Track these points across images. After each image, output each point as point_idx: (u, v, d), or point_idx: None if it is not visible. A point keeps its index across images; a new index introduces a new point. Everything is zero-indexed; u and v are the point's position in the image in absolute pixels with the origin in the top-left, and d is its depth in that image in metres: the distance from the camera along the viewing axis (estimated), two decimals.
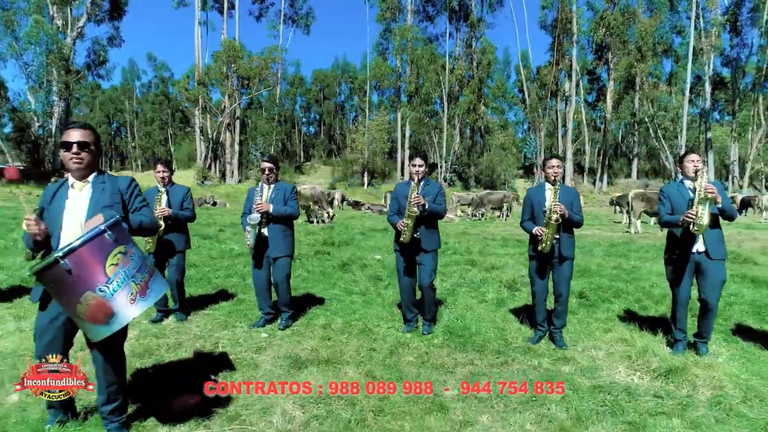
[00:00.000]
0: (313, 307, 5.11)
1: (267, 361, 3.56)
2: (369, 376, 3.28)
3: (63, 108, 37.30)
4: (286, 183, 4.40)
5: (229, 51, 39.33)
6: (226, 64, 39.54)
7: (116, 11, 42.31)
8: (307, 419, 2.66)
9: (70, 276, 2.03)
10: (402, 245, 4.18)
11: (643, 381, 3.25)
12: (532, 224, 4.08)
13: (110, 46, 44.78)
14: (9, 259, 7.03)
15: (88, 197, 2.44)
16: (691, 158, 3.81)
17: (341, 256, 8.19)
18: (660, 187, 5.12)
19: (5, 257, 7.23)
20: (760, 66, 42.24)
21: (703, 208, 3.47)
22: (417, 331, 4.33)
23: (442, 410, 2.79)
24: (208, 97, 39.72)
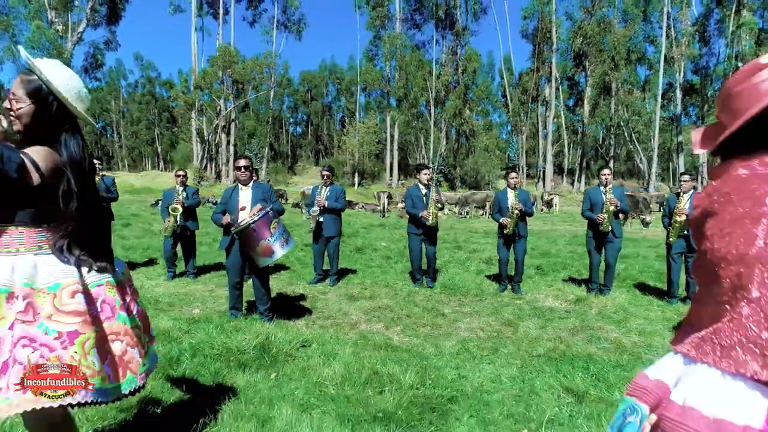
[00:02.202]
0: (348, 274, 7.21)
1: (332, 297, 5.67)
2: (396, 302, 5.41)
3: None
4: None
5: (225, 56, 41.07)
6: (221, 69, 41.23)
7: (114, 16, 43.77)
8: (368, 317, 4.79)
9: (254, 233, 4.10)
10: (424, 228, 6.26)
11: (561, 304, 5.44)
12: (500, 216, 6.22)
13: (107, 49, 46.25)
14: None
15: (250, 195, 4.52)
16: (604, 172, 6.00)
17: (355, 243, 10.31)
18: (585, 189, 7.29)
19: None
20: (726, 74, 45.20)
21: (606, 216, 5.68)
22: (423, 287, 6.44)
23: (442, 316, 4.93)
24: (206, 101, 41.37)
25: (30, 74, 1.60)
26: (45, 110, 1.60)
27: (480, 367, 3.49)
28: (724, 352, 0.90)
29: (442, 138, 46.73)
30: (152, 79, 72.03)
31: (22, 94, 1.58)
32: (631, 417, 0.99)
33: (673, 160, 48.02)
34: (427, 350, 3.87)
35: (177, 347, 3.43)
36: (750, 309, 0.86)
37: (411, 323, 4.70)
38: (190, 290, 5.92)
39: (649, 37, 48.35)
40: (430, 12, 47.15)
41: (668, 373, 1.01)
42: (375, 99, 51.44)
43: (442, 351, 3.86)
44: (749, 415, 0.84)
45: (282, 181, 41.10)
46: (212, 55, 42.34)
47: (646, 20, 47.78)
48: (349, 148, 43.99)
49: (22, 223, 1.55)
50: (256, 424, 2.41)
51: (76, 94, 1.66)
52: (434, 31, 47.67)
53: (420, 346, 3.99)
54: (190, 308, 4.98)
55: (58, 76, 1.61)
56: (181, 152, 50.52)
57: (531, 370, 3.44)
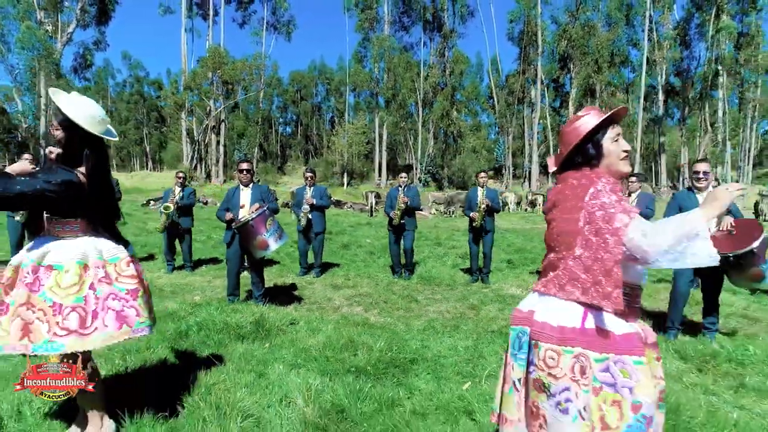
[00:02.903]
0: (333, 267, 7.84)
1: (318, 287, 6.31)
2: (376, 290, 6.05)
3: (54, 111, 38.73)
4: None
5: (215, 57, 41.41)
6: (211, 70, 41.56)
7: (103, 16, 43.94)
8: (350, 302, 5.44)
9: (252, 229, 4.72)
10: (393, 226, 6.94)
11: (523, 293, 6.11)
12: (470, 211, 6.89)
13: (96, 50, 46.42)
14: None
15: (249, 195, 5.15)
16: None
17: (341, 240, 10.95)
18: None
19: None
20: (707, 76, 46.43)
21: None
22: (401, 278, 7.08)
23: (416, 301, 5.59)
24: (197, 102, 41.66)
25: (59, 100, 2.21)
26: (72, 135, 2.20)
27: (441, 339, 4.15)
28: (561, 287, 1.56)
29: (430, 139, 47.44)
30: (140, 79, 71.75)
31: (57, 123, 2.20)
32: (524, 337, 1.64)
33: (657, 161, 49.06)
34: (399, 327, 4.53)
35: (185, 323, 4.04)
36: (574, 261, 1.53)
37: (387, 307, 5.35)
38: (189, 281, 6.53)
39: (632, 41, 49.40)
40: (418, 14, 47.85)
41: (531, 305, 1.67)
42: (364, 99, 52.00)
43: (411, 328, 4.52)
44: (574, 320, 1.51)
45: (272, 181, 41.52)
46: (202, 56, 42.68)
47: (629, 24, 48.79)
48: (339, 148, 44.53)
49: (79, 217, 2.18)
50: (255, 376, 3.05)
51: (92, 120, 2.22)
52: (422, 33, 48.43)
53: (393, 324, 4.64)
54: (191, 295, 5.60)
55: (75, 109, 2.16)
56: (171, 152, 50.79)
57: (484, 341, 4.09)
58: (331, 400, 2.71)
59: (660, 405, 1.47)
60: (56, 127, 2.19)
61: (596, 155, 1.63)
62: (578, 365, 1.44)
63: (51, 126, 2.23)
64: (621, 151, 1.58)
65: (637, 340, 1.45)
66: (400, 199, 6.79)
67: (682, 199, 4.38)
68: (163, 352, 3.42)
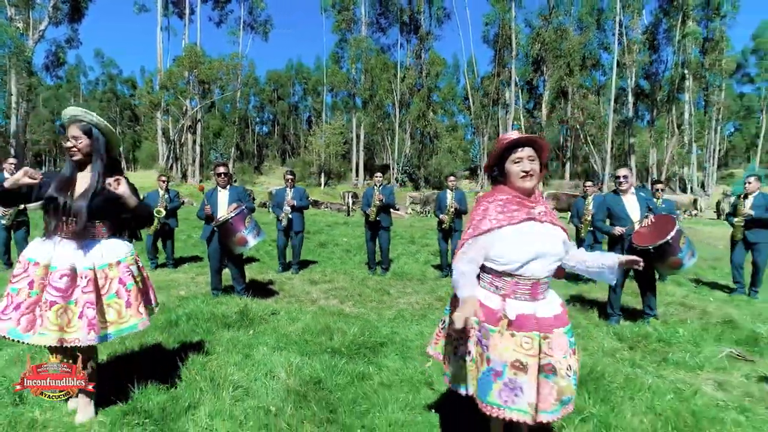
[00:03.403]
0: (311, 264, 8.24)
1: (296, 282, 6.71)
2: (351, 285, 6.48)
3: (25, 109, 38.12)
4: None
5: (191, 56, 41.18)
6: (188, 69, 41.31)
7: (76, 14, 43.26)
8: (326, 295, 5.86)
9: (232, 226, 5.10)
10: (369, 223, 7.38)
11: None
12: (440, 212, 7.37)
13: (69, 47, 45.67)
14: None
15: (227, 195, 5.52)
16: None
17: (319, 239, 11.34)
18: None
19: None
20: (674, 79, 48.07)
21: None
22: (376, 274, 7.52)
23: (388, 294, 6.04)
24: (172, 101, 41.34)
25: (79, 120, 2.55)
26: (94, 142, 2.56)
27: (409, 326, 4.60)
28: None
29: (406, 139, 48.03)
30: (114, 77, 70.58)
31: (80, 134, 2.53)
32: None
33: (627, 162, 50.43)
34: (371, 316, 4.97)
35: (174, 314, 4.41)
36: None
37: (361, 299, 5.79)
38: (173, 278, 6.85)
39: (603, 44, 50.84)
40: (395, 16, 48.37)
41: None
42: (342, 99, 52.27)
43: (382, 317, 4.96)
44: (494, 302, 1.96)
45: (249, 181, 41.48)
46: (178, 55, 42.39)
47: (599, 28, 50.19)
48: (316, 148, 44.74)
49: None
50: (242, 357, 3.45)
51: (110, 127, 2.61)
52: (399, 35, 48.99)
53: (366, 314, 5.08)
54: (177, 290, 5.94)
55: (98, 119, 2.56)
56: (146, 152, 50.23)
57: None
58: (310, 374, 3.13)
59: (546, 375, 1.89)
60: (78, 136, 2.48)
61: (500, 174, 2.10)
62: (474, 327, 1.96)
63: (71, 136, 2.47)
64: (520, 171, 2.02)
65: (494, 314, 1.94)
66: (376, 197, 7.24)
67: (609, 201, 4.94)
68: (157, 338, 3.79)
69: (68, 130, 2.51)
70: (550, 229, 2.01)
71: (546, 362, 1.89)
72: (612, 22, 47.50)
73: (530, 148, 2.03)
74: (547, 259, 1.95)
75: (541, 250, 1.94)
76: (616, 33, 46.47)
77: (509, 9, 46.42)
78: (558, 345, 1.92)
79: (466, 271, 2.00)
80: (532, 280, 1.96)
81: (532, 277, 1.96)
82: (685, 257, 4.48)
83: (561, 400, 1.88)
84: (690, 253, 4.53)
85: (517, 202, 2.00)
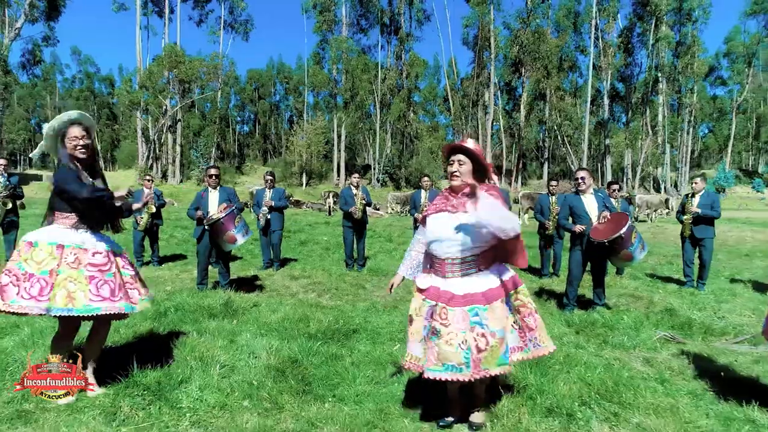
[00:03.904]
0: (291, 262, 8.62)
1: (277, 278, 7.09)
2: (329, 280, 6.88)
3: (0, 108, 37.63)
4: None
5: (171, 56, 40.99)
6: (167, 69, 41.09)
7: (53, 12, 42.71)
8: (305, 289, 6.26)
9: (222, 225, 5.46)
10: (353, 221, 7.78)
11: None
12: (415, 211, 7.80)
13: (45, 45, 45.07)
14: None
15: (217, 196, 5.88)
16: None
17: (299, 238, 11.71)
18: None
19: None
20: (648, 82, 49.40)
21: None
22: (353, 270, 7.92)
23: (363, 288, 6.46)
24: (150, 99, 41.02)
25: (85, 120, 2.92)
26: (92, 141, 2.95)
27: (381, 316, 5.02)
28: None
29: (387, 139, 48.50)
30: (91, 75, 69.60)
31: (86, 133, 2.91)
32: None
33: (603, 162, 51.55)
34: (346, 308, 5.38)
35: (163, 306, 4.76)
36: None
37: (338, 293, 6.20)
38: (158, 274, 7.17)
39: (580, 47, 51.96)
40: (376, 18, 48.75)
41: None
42: (323, 99, 52.44)
43: (356, 308, 5.38)
44: (430, 282, 2.40)
45: (230, 181, 41.48)
46: (158, 54, 42.17)
47: (576, 31, 51.30)
48: (297, 148, 44.89)
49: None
50: (227, 342, 3.83)
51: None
52: (380, 36, 49.43)
53: (341, 306, 5.50)
54: (163, 286, 6.27)
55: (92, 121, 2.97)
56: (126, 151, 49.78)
57: None
58: (288, 355, 3.53)
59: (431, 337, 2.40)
60: (87, 136, 2.88)
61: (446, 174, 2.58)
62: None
63: (85, 136, 2.85)
64: (450, 172, 2.49)
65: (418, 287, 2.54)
66: (359, 198, 7.67)
67: (570, 200, 5.44)
68: (147, 327, 4.14)
69: (71, 131, 2.85)
70: (460, 218, 2.43)
71: (433, 325, 2.37)
72: (588, 26, 48.45)
73: (461, 153, 2.49)
74: (444, 242, 2.43)
75: (439, 235, 2.44)
76: (592, 36, 47.44)
77: (488, 12, 47.12)
78: (454, 317, 2.34)
79: (408, 251, 2.75)
80: (438, 260, 2.47)
81: (437, 257, 2.48)
82: (636, 250, 5.00)
83: (444, 364, 2.30)
84: (640, 247, 5.06)
85: (444, 197, 2.48)
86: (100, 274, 2.73)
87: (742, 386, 3.23)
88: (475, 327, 2.34)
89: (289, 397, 2.90)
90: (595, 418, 2.72)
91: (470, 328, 2.34)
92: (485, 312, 2.38)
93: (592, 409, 2.80)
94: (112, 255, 2.87)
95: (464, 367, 2.29)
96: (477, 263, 2.45)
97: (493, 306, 2.40)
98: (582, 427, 2.64)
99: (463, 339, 2.31)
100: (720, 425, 2.71)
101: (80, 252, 2.73)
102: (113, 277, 2.77)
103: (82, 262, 2.72)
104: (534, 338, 2.56)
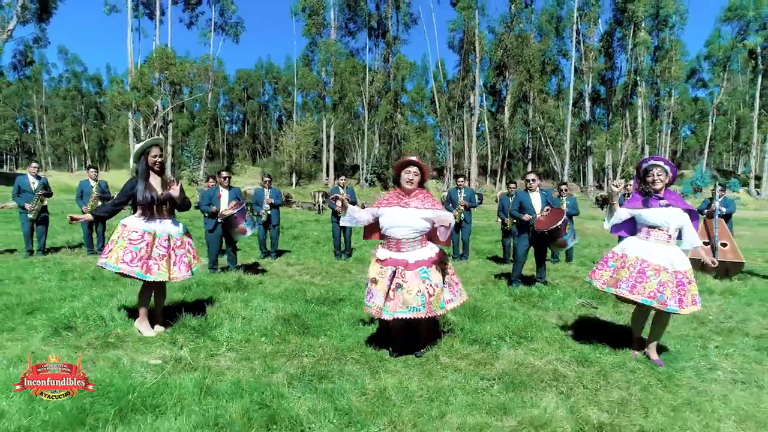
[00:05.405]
0: (286, 253, 9.81)
1: (276, 265, 8.29)
2: (320, 266, 8.08)
3: None
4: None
5: (162, 57, 41.74)
6: (158, 70, 41.82)
7: (44, 13, 43.26)
8: (300, 273, 7.47)
9: (235, 219, 6.65)
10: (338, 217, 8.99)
11: None
12: None
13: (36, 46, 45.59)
14: None
15: (227, 194, 7.07)
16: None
17: (292, 233, 12.90)
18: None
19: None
20: (627, 85, 51.10)
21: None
22: (341, 260, 9.11)
23: (349, 273, 7.68)
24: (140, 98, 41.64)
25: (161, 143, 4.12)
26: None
27: (362, 292, 6.20)
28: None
29: (375, 140, 49.76)
30: (78, 74, 69.29)
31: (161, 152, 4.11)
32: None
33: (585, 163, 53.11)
34: (334, 285, 6.59)
35: (187, 282, 5.92)
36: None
37: (328, 276, 7.42)
38: None
39: (562, 51, 53.50)
40: (364, 21, 49.95)
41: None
42: (312, 99, 53.51)
43: (343, 286, 6.60)
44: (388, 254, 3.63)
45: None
46: (149, 56, 42.90)
47: (558, 35, 52.83)
48: (287, 148, 45.90)
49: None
50: (243, 305, 5.02)
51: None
52: (368, 39, 50.63)
53: (331, 285, 6.71)
54: None
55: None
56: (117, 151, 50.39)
57: None
58: (291, 311, 4.74)
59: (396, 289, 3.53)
60: (161, 156, 4.10)
61: (397, 179, 3.75)
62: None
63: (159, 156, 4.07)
64: (406, 180, 3.69)
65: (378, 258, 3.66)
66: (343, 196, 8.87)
67: (520, 197, 6.71)
68: (179, 297, 5.32)
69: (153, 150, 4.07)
70: (411, 212, 3.63)
71: (396, 282, 3.53)
72: (570, 30, 49.93)
73: (416, 167, 3.69)
74: (402, 228, 3.60)
75: (397, 223, 3.60)
76: (573, 40, 48.97)
77: (473, 16, 48.47)
78: (410, 276, 3.51)
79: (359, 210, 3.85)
80: (394, 239, 3.63)
81: (393, 237, 3.63)
82: (569, 239, 6.29)
83: (408, 307, 3.48)
84: (572, 236, 6.35)
85: (397, 196, 3.67)
86: (129, 245, 3.87)
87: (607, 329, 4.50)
88: (425, 280, 3.54)
89: (294, 336, 4.12)
90: (505, 346, 3.97)
91: (422, 281, 3.54)
92: (429, 272, 3.59)
93: (505, 341, 4.05)
94: (151, 237, 3.95)
95: (421, 307, 3.49)
96: (421, 241, 3.66)
97: (432, 267, 3.61)
98: (495, 350, 3.88)
99: (419, 289, 3.50)
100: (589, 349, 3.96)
101: (124, 229, 3.94)
102: (138, 250, 3.86)
103: (123, 236, 3.91)
104: (459, 291, 3.79)
